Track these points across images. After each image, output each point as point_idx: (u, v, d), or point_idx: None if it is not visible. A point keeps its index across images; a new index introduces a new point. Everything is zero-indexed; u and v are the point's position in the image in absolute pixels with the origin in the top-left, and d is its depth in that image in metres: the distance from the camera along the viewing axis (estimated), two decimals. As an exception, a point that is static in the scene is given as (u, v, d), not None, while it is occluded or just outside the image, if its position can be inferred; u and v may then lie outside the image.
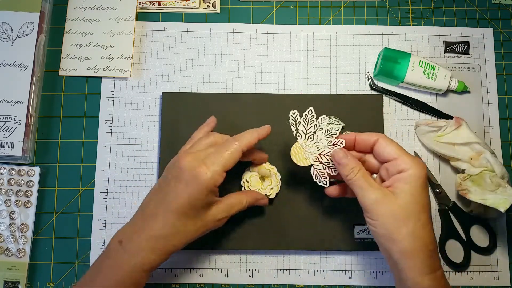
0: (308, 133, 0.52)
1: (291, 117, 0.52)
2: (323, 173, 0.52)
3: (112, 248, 0.49)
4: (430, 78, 0.62)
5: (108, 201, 0.61)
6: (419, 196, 0.47)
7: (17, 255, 0.59)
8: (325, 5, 0.67)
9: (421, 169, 0.48)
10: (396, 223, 0.46)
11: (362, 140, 0.51)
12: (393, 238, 0.46)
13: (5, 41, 0.62)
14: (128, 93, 0.64)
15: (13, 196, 0.60)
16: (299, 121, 0.52)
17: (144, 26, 0.66)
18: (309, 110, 0.52)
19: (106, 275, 0.47)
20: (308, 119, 0.51)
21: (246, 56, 0.65)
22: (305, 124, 0.51)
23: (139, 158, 0.62)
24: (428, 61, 0.62)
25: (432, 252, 0.47)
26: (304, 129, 0.51)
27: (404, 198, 0.47)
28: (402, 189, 0.47)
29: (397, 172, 0.48)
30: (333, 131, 0.51)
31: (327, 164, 0.52)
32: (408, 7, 0.67)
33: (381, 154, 0.50)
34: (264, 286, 0.60)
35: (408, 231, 0.46)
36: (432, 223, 0.48)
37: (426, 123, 0.62)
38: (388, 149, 0.49)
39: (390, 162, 0.49)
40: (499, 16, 0.67)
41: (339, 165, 0.50)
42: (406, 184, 0.47)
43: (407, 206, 0.47)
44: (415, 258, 0.46)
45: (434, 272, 0.47)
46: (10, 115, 0.60)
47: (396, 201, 0.47)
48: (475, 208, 0.60)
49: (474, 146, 0.59)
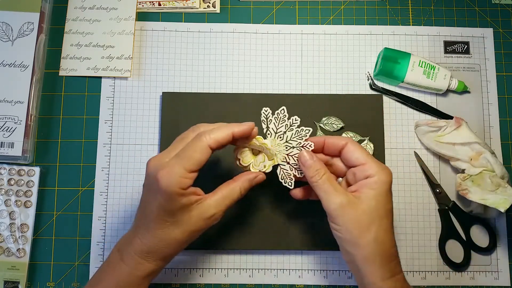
0: (279, 132, 0.51)
1: (262, 114, 0.50)
2: (289, 174, 0.51)
3: (112, 256, 0.49)
4: (430, 78, 0.62)
5: (108, 201, 0.61)
6: (383, 201, 0.47)
7: (17, 255, 0.59)
8: (325, 5, 0.67)
9: (387, 175, 0.48)
10: (360, 229, 0.46)
11: (331, 144, 0.51)
12: (357, 243, 0.47)
13: (5, 41, 0.62)
14: (128, 93, 0.64)
15: (13, 196, 0.60)
16: (270, 119, 0.51)
17: (144, 26, 0.66)
18: (281, 109, 0.51)
19: (108, 282, 0.48)
20: (280, 118, 0.50)
21: (246, 56, 0.65)
22: (276, 122, 0.50)
23: (139, 158, 0.62)
24: (428, 61, 0.62)
25: (393, 256, 0.48)
26: (275, 127, 0.51)
27: (369, 204, 0.47)
28: (367, 195, 0.47)
29: (364, 177, 0.48)
30: (303, 133, 0.50)
31: (294, 165, 0.51)
32: (408, 7, 0.67)
33: (349, 159, 0.50)
34: (264, 286, 0.60)
35: (371, 236, 0.46)
36: (393, 228, 0.49)
37: (426, 123, 0.62)
38: (356, 154, 0.49)
39: (357, 167, 0.49)
40: (499, 16, 0.67)
41: (304, 166, 0.49)
42: (371, 189, 0.47)
43: (371, 211, 0.47)
44: (377, 263, 0.47)
45: (395, 276, 0.47)
46: (10, 115, 0.60)
47: (361, 206, 0.47)
48: (475, 208, 0.60)
49: (474, 146, 0.59)
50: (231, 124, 0.48)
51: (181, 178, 0.44)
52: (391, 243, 0.48)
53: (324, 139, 0.51)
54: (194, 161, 0.45)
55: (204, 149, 0.45)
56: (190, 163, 0.45)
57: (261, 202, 0.60)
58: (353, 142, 0.50)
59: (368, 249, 0.46)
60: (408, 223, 0.61)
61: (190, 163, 0.45)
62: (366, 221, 0.47)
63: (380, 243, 0.47)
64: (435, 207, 0.62)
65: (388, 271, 0.47)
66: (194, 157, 0.45)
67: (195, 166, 0.45)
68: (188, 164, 0.45)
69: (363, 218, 0.47)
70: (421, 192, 0.62)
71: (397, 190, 0.62)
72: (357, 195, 0.48)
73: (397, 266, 0.48)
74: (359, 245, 0.47)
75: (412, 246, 0.61)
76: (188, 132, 0.48)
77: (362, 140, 0.62)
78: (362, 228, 0.46)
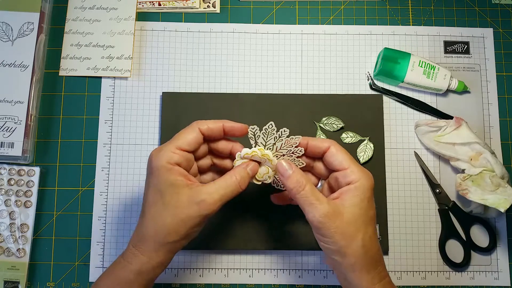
0: (268, 145, 0.49)
1: (250, 131, 0.49)
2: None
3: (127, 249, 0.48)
4: (430, 78, 0.62)
5: (108, 201, 0.61)
6: (367, 208, 0.47)
7: (17, 255, 0.59)
8: (325, 5, 0.67)
9: (369, 180, 0.47)
10: (347, 238, 0.46)
11: (313, 146, 0.50)
12: (344, 252, 0.46)
13: (5, 41, 0.62)
14: (128, 93, 0.64)
15: (13, 196, 0.60)
16: (258, 134, 0.49)
17: (144, 26, 0.66)
18: (269, 124, 0.49)
19: (105, 276, 0.48)
20: (268, 132, 0.49)
21: (246, 56, 0.65)
22: (264, 137, 0.49)
23: (139, 158, 0.62)
24: (428, 61, 0.62)
25: (379, 261, 0.48)
26: (263, 141, 0.49)
27: (353, 212, 0.46)
28: (351, 202, 0.46)
29: (346, 183, 0.47)
30: (292, 141, 0.49)
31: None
32: (408, 7, 0.67)
33: (332, 163, 0.49)
34: (264, 286, 0.60)
35: (358, 244, 0.46)
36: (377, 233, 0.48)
37: (426, 123, 0.62)
38: (339, 158, 0.48)
39: (339, 172, 0.48)
40: (499, 16, 0.67)
41: (284, 177, 0.48)
42: (355, 196, 0.46)
43: (356, 219, 0.46)
44: (365, 270, 0.46)
45: (382, 280, 0.47)
46: (10, 115, 0.60)
47: (346, 215, 0.46)
48: (475, 208, 0.60)
49: (474, 146, 0.59)
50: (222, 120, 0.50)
51: (169, 152, 0.46)
52: (376, 248, 0.47)
53: (308, 141, 0.50)
54: (184, 140, 0.47)
55: (194, 131, 0.48)
56: (180, 142, 0.47)
57: (261, 202, 0.59)
58: (336, 145, 0.49)
59: (355, 257, 0.46)
60: (408, 223, 0.61)
61: (179, 142, 0.47)
62: (352, 230, 0.46)
63: (367, 250, 0.46)
64: (435, 207, 0.62)
65: (377, 276, 0.47)
66: (184, 137, 0.47)
67: (184, 144, 0.47)
68: (178, 143, 0.47)
69: (349, 227, 0.46)
70: (421, 192, 0.62)
71: (397, 190, 0.62)
72: (340, 202, 0.47)
73: (383, 270, 0.48)
74: (346, 254, 0.46)
75: (412, 246, 0.61)
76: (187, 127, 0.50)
77: (362, 140, 0.62)
78: (349, 238, 0.46)
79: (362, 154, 0.61)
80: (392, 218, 0.61)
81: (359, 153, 0.61)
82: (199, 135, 0.48)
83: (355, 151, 0.61)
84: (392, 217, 0.61)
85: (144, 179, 0.48)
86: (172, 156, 0.46)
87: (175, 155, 0.46)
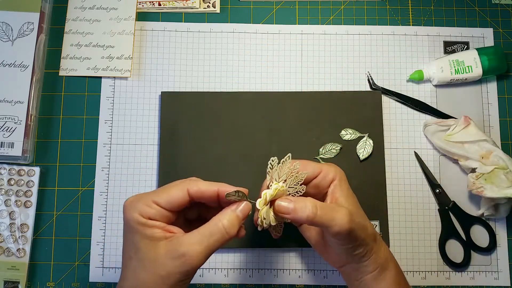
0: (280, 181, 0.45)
1: (269, 164, 0.44)
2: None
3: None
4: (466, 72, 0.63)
5: (108, 201, 0.61)
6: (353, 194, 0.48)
7: (17, 255, 0.59)
8: (325, 5, 0.67)
9: (340, 170, 0.48)
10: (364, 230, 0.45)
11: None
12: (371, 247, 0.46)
13: (5, 41, 0.62)
14: (128, 93, 0.64)
15: (13, 196, 0.60)
16: (275, 168, 0.44)
17: (144, 26, 0.66)
18: (287, 156, 0.45)
19: None
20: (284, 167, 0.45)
21: (246, 56, 0.65)
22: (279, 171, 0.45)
23: (139, 158, 0.62)
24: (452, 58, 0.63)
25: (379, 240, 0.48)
26: (277, 177, 0.45)
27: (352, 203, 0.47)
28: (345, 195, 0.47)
29: (328, 183, 0.47)
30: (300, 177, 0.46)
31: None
32: (408, 7, 0.67)
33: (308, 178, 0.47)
34: (264, 286, 0.60)
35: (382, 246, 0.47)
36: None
37: (435, 122, 0.62)
38: (310, 167, 0.47)
39: (317, 178, 0.47)
40: (499, 16, 0.67)
41: (291, 214, 0.43)
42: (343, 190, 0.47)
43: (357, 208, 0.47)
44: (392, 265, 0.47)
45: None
46: (10, 115, 0.60)
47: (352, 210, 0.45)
48: (486, 210, 0.59)
49: (483, 145, 0.59)
50: (223, 184, 0.43)
51: (143, 205, 0.41)
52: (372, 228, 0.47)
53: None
54: (165, 196, 0.41)
55: (181, 190, 0.42)
56: (159, 197, 0.41)
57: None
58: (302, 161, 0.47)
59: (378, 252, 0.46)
60: (408, 223, 0.61)
61: (159, 197, 0.41)
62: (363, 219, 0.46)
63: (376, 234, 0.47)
64: (435, 207, 0.62)
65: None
66: (167, 193, 0.42)
67: (162, 201, 0.41)
68: (156, 197, 0.41)
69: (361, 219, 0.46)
70: (421, 192, 0.62)
71: (397, 190, 0.62)
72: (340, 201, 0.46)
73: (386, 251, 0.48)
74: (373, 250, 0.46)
75: (412, 246, 0.61)
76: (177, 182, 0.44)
77: (362, 136, 0.62)
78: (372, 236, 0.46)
79: (361, 150, 0.61)
80: (392, 218, 0.61)
81: (358, 150, 0.61)
82: (185, 197, 0.42)
83: (354, 147, 0.61)
84: (392, 217, 0.61)
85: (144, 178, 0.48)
86: (146, 210, 0.41)
87: (151, 210, 0.41)
